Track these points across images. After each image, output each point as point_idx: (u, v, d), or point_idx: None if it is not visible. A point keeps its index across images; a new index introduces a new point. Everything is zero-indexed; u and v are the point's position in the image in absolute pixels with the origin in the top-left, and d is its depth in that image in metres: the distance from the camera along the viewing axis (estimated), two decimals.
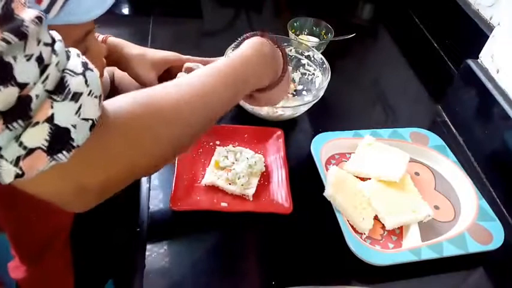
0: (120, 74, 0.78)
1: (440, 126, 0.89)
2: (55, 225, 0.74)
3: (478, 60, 0.85)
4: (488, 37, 0.83)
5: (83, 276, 0.80)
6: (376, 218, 0.68)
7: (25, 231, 0.72)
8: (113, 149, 0.39)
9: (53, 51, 0.33)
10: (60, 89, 0.33)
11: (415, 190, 0.72)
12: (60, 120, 0.33)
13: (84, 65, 0.36)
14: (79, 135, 0.34)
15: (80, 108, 0.34)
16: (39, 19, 0.32)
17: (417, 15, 1.23)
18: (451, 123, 0.90)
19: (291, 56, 0.92)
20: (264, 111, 0.80)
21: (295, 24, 1.05)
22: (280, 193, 0.69)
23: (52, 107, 0.33)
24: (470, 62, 0.85)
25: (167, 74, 0.76)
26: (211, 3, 1.20)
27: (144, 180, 0.71)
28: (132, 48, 0.74)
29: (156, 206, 0.67)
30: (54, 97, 0.33)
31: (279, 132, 0.78)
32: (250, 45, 0.58)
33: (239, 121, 0.82)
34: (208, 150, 0.75)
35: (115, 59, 0.75)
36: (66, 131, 0.34)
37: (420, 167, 0.79)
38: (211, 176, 0.70)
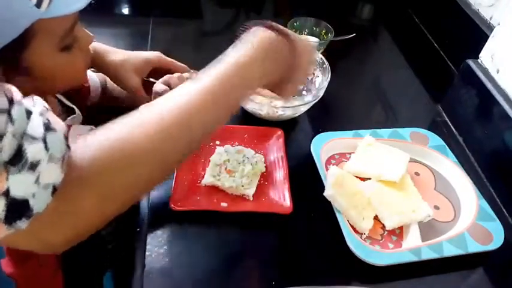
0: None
1: (440, 126, 0.89)
2: None
3: (478, 60, 0.85)
4: (488, 37, 0.83)
5: (75, 271, 0.79)
6: (376, 218, 0.68)
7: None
8: (83, 205, 0.37)
9: (9, 117, 0.31)
10: (16, 159, 0.31)
11: (415, 190, 0.72)
12: (17, 193, 0.31)
13: (46, 126, 0.34)
14: (38, 203, 0.33)
15: (38, 177, 0.32)
16: None
17: (417, 15, 1.23)
18: (451, 123, 0.90)
19: None
20: (264, 111, 0.80)
21: (295, 24, 1.05)
22: (280, 193, 0.69)
23: (7, 179, 0.30)
24: (470, 62, 0.85)
25: (155, 73, 0.74)
26: (211, 3, 1.20)
27: None
28: (113, 55, 0.73)
29: (156, 206, 0.68)
30: (10, 168, 0.31)
31: (279, 132, 0.78)
32: (251, 44, 0.51)
33: (239, 121, 0.82)
34: (208, 150, 0.75)
35: (97, 66, 0.74)
36: (24, 201, 0.32)
37: (420, 167, 0.79)
38: (211, 176, 0.70)
